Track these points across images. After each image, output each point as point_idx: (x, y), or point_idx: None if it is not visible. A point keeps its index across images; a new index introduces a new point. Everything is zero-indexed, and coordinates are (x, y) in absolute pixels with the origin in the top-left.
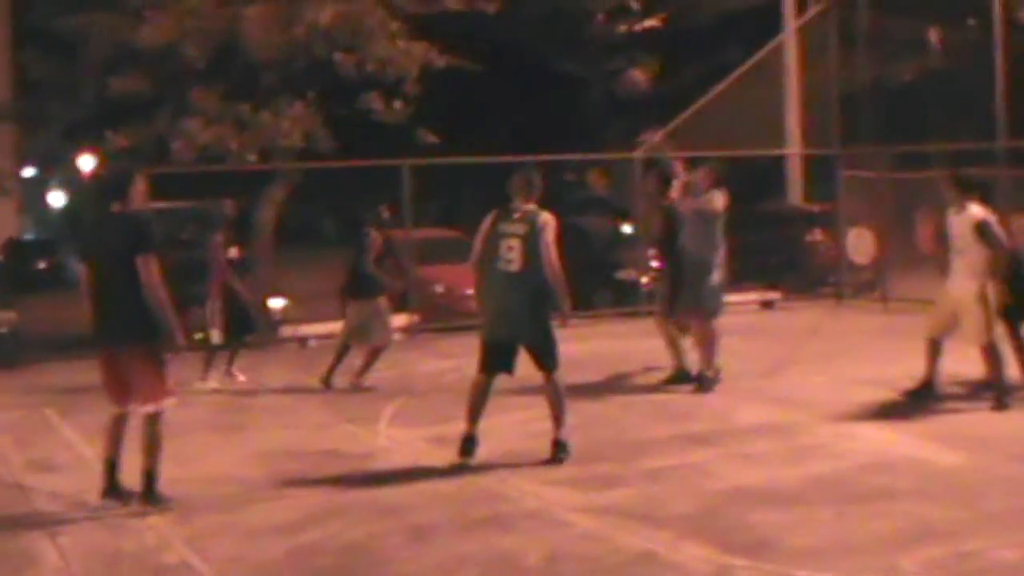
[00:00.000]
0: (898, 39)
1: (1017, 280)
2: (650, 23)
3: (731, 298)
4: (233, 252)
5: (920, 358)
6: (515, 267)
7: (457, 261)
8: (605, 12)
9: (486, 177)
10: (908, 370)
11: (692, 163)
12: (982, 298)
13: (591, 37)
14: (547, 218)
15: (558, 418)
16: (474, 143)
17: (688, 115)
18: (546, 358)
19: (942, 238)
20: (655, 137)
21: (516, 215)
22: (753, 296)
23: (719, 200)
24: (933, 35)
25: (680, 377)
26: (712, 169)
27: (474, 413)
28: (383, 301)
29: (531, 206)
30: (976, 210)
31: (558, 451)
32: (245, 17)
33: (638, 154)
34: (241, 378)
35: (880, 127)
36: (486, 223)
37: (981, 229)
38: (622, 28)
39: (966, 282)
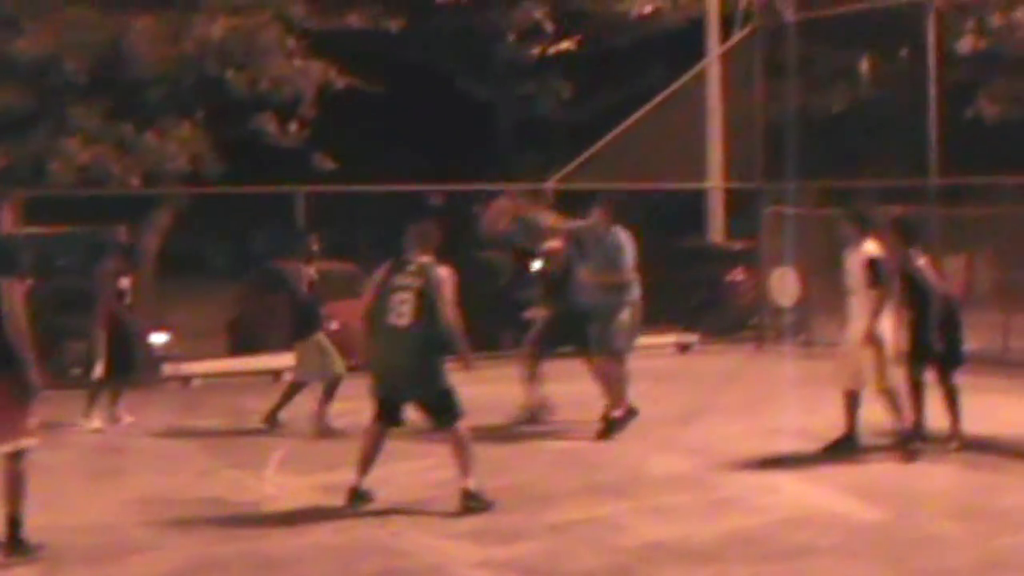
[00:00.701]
0: (827, 68)
1: (950, 325)
2: (565, 45)
3: (646, 340)
4: (125, 283)
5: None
6: (405, 321)
7: (354, 297)
8: (517, 33)
9: (387, 207)
10: (832, 420)
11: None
12: (874, 340)
13: (501, 59)
14: (444, 272)
15: (465, 468)
16: (375, 170)
17: (604, 144)
18: (443, 413)
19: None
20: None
21: (411, 267)
22: (669, 338)
23: (626, 241)
24: (864, 65)
25: (528, 417)
26: (608, 204)
27: (365, 463)
28: (323, 335)
29: (427, 258)
30: (870, 248)
31: (468, 501)
32: (131, 29)
33: (550, 184)
34: (128, 419)
35: (807, 160)
36: (379, 274)
37: (869, 266)
38: (535, 50)
39: (861, 324)
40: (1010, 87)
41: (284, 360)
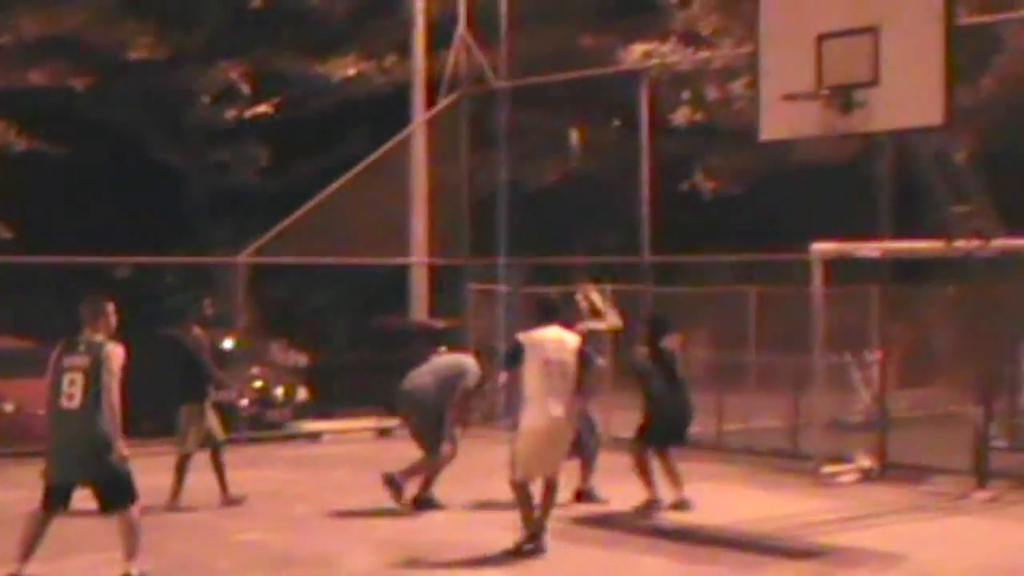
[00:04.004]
0: (538, 138)
1: (659, 403)
2: (262, 109)
3: (344, 424)
4: None
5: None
6: (75, 403)
7: (30, 376)
8: (212, 95)
9: (70, 279)
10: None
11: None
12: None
13: (195, 122)
14: (113, 349)
15: (131, 552)
16: (56, 240)
17: (301, 215)
18: (114, 496)
19: None
20: None
21: (81, 347)
22: (368, 423)
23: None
24: (574, 135)
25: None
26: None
27: (27, 550)
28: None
29: (99, 337)
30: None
31: None
32: None
33: (242, 258)
34: None
35: (516, 235)
36: (53, 355)
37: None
38: (230, 114)
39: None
40: (726, 161)
41: None
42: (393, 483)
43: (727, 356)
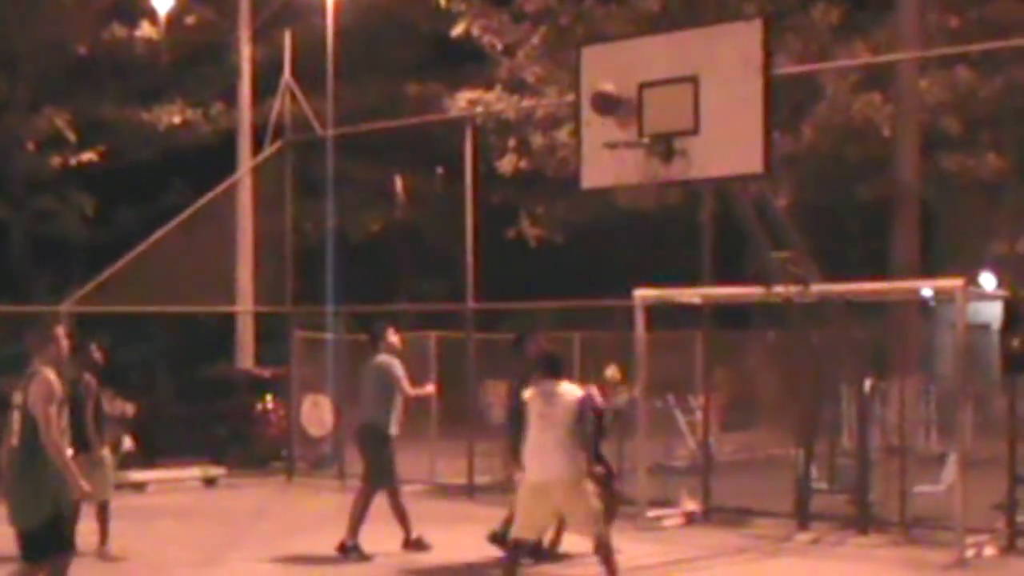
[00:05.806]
0: (363, 186)
1: None
2: (87, 157)
3: (170, 474)
4: None
5: (376, 539)
6: (15, 441)
7: None
8: (36, 143)
9: None
10: (378, 560)
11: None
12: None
13: (18, 171)
14: (43, 381)
15: None
16: None
17: (125, 263)
18: (32, 548)
19: None
20: None
21: (25, 381)
22: (194, 472)
23: None
24: (399, 184)
25: None
26: None
27: None
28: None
29: (39, 368)
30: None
31: None
32: None
33: (65, 307)
34: None
35: (341, 283)
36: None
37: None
38: (55, 162)
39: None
40: (552, 208)
41: None
42: (419, 543)
43: None
